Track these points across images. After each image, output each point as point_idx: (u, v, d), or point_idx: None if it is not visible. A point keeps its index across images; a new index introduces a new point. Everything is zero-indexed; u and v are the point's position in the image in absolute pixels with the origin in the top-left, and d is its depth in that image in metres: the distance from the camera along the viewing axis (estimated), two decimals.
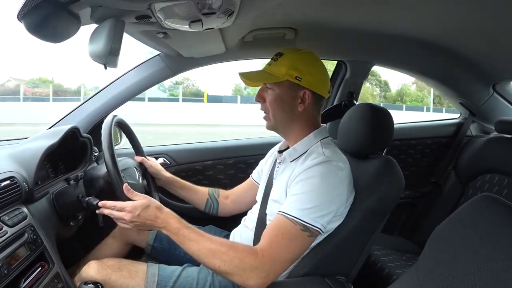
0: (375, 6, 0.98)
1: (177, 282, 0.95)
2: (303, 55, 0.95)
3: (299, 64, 0.93)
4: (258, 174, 1.22)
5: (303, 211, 0.82)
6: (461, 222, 0.64)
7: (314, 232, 0.83)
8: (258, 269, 0.79)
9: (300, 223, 0.81)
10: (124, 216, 0.86)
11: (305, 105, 0.94)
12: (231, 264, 0.79)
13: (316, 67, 0.95)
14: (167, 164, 1.54)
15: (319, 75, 0.95)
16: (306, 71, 0.92)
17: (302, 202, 0.83)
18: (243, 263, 0.79)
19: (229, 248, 0.82)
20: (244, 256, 0.80)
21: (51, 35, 0.66)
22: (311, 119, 0.98)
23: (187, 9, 0.69)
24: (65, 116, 1.35)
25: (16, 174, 0.85)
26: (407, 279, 0.69)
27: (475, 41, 1.17)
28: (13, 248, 0.75)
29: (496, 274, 0.51)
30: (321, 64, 0.97)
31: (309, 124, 0.97)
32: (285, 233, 0.82)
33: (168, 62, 1.35)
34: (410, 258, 1.42)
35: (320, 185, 0.84)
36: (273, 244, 0.81)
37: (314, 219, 0.82)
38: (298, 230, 0.81)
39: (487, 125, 1.76)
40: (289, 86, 0.93)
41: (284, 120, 0.97)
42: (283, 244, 0.81)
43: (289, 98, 0.94)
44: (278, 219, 0.84)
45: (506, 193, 1.33)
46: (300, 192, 0.84)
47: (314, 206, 0.82)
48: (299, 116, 0.96)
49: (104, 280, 0.91)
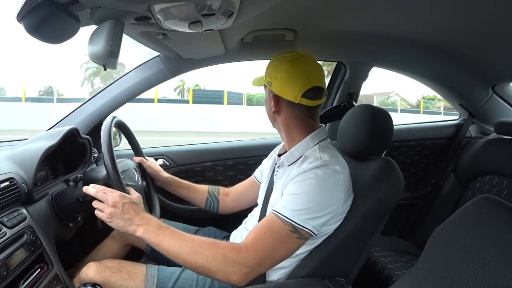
0: (374, 8, 0.98)
1: (176, 283, 0.95)
2: (276, 60, 0.95)
3: (271, 69, 0.96)
4: (261, 173, 1.22)
5: (295, 212, 0.81)
6: (460, 224, 0.64)
7: (304, 234, 0.82)
8: (241, 264, 0.78)
9: (290, 224, 0.81)
10: (109, 199, 0.85)
11: (278, 109, 0.95)
12: (213, 260, 0.78)
13: (282, 72, 0.92)
14: (167, 165, 1.54)
15: (284, 79, 0.91)
16: (273, 76, 0.94)
17: (294, 203, 0.83)
18: (225, 258, 0.78)
19: (211, 245, 0.81)
20: (227, 251, 0.79)
21: (51, 36, 0.66)
22: (301, 124, 0.96)
23: (186, 10, 0.69)
24: (65, 117, 1.35)
25: (15, 175, 0.85)
26: (407, 281, 0.69)
27: (474, 43, 1.17)
28: (12, 249, 0.74)
29: (496, 276, 0.51)
30: (290, 68, 0.92)
31: (301, 128, 0.96)
32: (274, 231, 0.81)
33: (167, 63, 1.35)
34: (410, 260, 1.42)
35: (315, 188, 0.83)
36: (259, 241, 0.81)
37: (305, 221, 0.81)
38: (287, 230, 0.81)
39: (486, 127, 1.76)
40: (268, 91, 0.98)
41: (272, 122, 1.02)
42: (269, 242, 0.81)
43: (269, 103, 0.98)
44: (269, 217, 0.84)
45: (506, 194, 1.33)
46: (294, 193, 0.84)
47: (307, 208, 0.82)
48: (283, 120, 0.97)
49: (103, 282, 0.91)
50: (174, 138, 8.34)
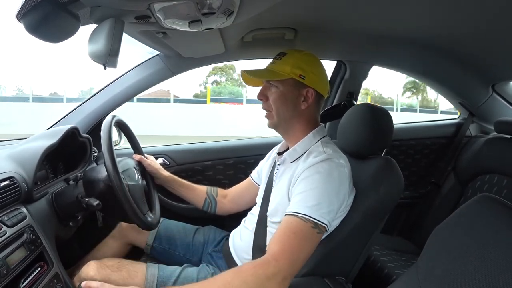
0: (374, 7, 0.98)
1: (176, 283, 0.95)
2: (305, 56, 0.97)
3: (302, 63, 0.94)
4: (258, 174, 1.22)
5: (311, 208, 0.81)
6: (460, 223, 0.64)
7: (322, 228, 0.82)
8: (275, 275, 0.74)
9: (310, 220, 0.80)
10: None
11: (308, 104, 0.96)
12: (247, 285, 0.72)
13: (318, 67, 0.98)
14: (167, 164, 1.54)
15: (321, 75, 0.97)
16: (309, 70, 0.94)
17: (308, 199, 0.82)
18: (257, 278, 0.73)
19: (235, 273, 0.75)
20: (255, 270, 0.74)
21: (51, 35, 0.66)
22: (312, 118, 0.99)
23: (186, 9, 0.69)
24: (65, 116, 1.35)
25: (16, 174, 0.85)
26: (407, 280, 0.69)
27: (474, 42, 1.17)
28: (12, 248, 0.74)
29: (496, 275, 0.51)
30: (321, 65, 1.00)
31: (310, 123, 0.98)
32: (297, 232, 0.80)
33: (167, 62, 1.35)
34: (410, 259, 1.42)
35: (323, 182, 0.84)
36: (285, 246, 0.78)
37: (322, 216, 0.81)
38: (309, 227, 0.80)
39: (486, 126, 1.76)
40: (293, 84, 0.95)
41: (287, 117, 0.97)
42: (296, 244, 0.79)
43: (293, 96, 0.95)
44: (287, 220, 0.82)
45: (506, 193, 1.33)
46: (305, 190, 0.84)
47: (320, 203, 0.82)
48: (301, 114, 0.97)
49: (103, 280, 0.90)
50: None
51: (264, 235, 0.97)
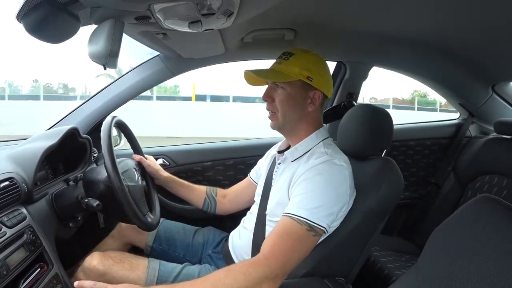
0: (374, 7, 0.98)
1: (177, 279, 0.96)
2: (312, 56, 0.96)
3: (310, 64, 0.94)
4: (256, 173, 1.22)
5: (310, 211, 0.81)
6: (460, 223, 0.64)
7: (319, 231, 0.82)
8: (265, 273, 0.76)
9: (306, 223, 0.81)
10: None
11: (315, 106, 0.96)
12: (238, 284, 0.73)
13: (324, 68, 0.97)
14: (167, 165, 1.54)
15: (326, 76, 0.97)
16: (316, 72, 0.93)
17: (307, 201, 0.82)
18: (248, 276, 0.74)
19: (227, 272, 0.77)
20: (246, 269, 0.76)
21: (51, 35, 0.66)
22: (317, 119, 0.99)
23: (186, 9, 0.69)
24: (65, 117, 1.35)
25: (15, 175, 0.85)
26: (407, 280, 0.69)
27: (474, 42, 1.17)
28: (12, 249, 0.74)
29: (496, 275, 0.51)
30: (327, 65, 0.99)
31: (314, 123, 0.98)
32: (290, 234, 0.81)
33: (167, 63, 1.35)
34: (410, 259, 1.42)
35: (324, 184, 0.84)
36: (277, 247, 0.79)
37: (320, 219, 0.81)
38: (303, 230, 0.81)
39: (486, 126, 1.76)
40: (300, 86, 0.94)
41: (293, 119, 0.96)
42: (288, 245, 0.80)
43: (300, 98, 0.95)
44: (283, 221, 0.83)
45: (506, 194, 1.33)
46: (304, 192, 0.84)
47: (320, 206, 0.82)
48: (306, 116, 0.97)
49: (105, 271, 0.93)
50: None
51: (263, 235, 0.97)
